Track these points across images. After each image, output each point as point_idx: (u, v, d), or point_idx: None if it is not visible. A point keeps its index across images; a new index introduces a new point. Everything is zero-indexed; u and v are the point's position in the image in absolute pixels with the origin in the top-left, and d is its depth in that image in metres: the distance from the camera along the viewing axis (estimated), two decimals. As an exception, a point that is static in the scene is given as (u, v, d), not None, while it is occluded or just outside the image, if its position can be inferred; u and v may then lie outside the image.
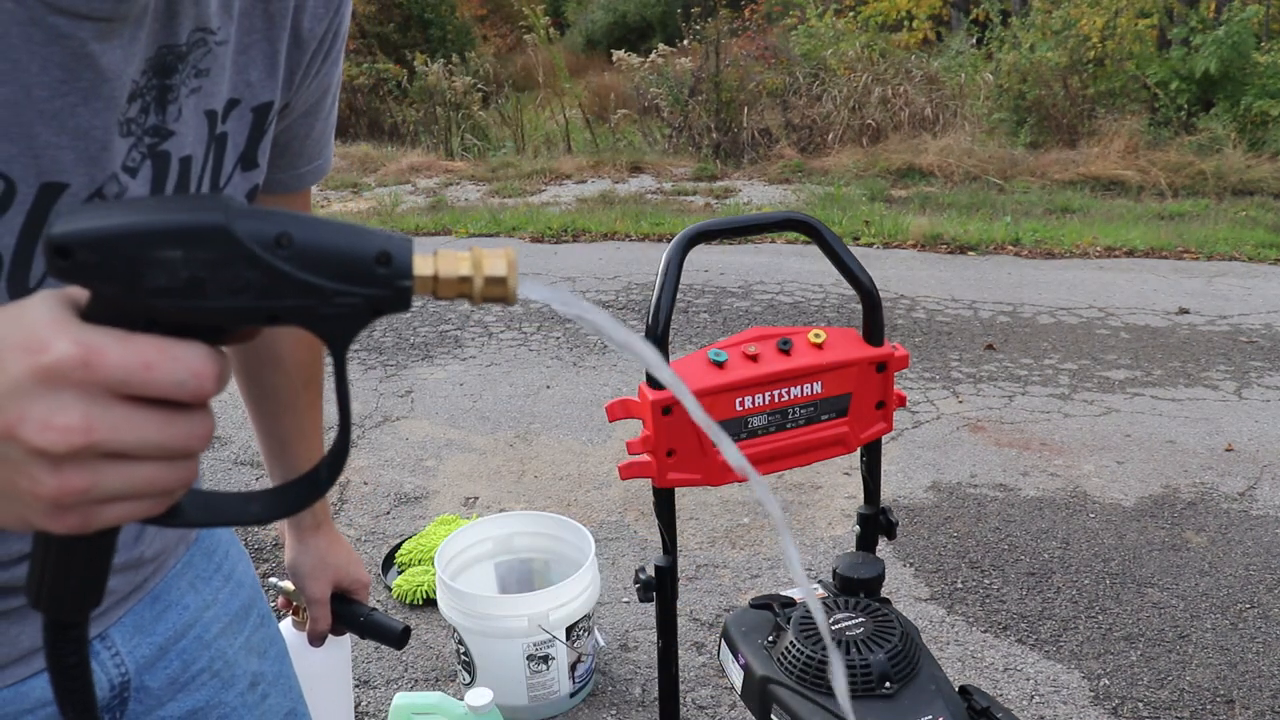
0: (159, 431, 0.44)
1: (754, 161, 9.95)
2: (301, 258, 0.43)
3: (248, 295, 0.43)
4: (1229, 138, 8.80)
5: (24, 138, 0.59)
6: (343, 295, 0.44)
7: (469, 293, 0.46)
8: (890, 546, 3.06)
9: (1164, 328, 5.07)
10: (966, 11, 12.71)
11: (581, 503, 3.37)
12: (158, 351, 0.43)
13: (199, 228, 0.42)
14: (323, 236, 0.44)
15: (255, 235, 0.42)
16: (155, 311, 0.43)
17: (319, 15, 0.77)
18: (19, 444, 0.42)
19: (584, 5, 19.77)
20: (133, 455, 0.43)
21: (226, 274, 0.42)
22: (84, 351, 0.42)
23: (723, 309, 5.43)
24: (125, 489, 0.44)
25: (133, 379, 0.42)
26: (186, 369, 0.43)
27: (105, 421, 0.42)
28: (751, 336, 1.42)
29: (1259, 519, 3.22)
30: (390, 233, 0.46)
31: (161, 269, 0.42)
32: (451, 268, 0.46)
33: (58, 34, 0.57)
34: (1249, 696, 2.41)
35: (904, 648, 1.33)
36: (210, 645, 0.94)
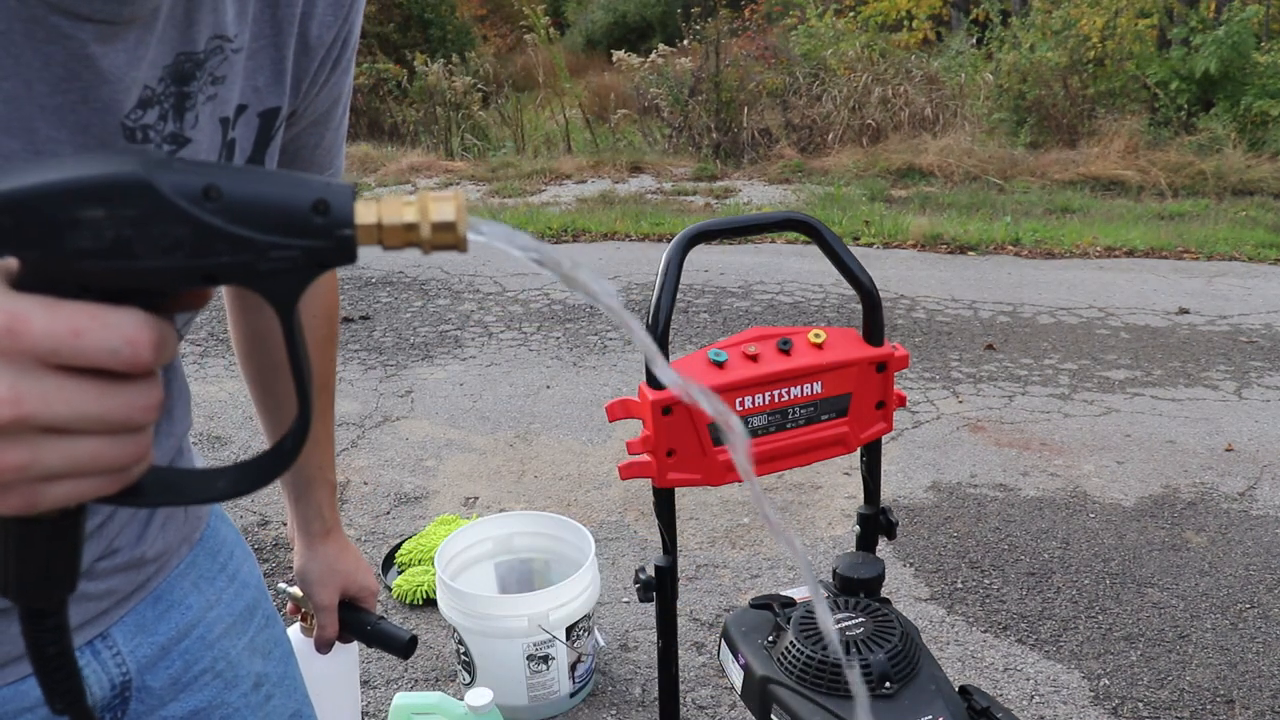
0: (95, 403, 0.41)
1: (754, 161, 9.96)
2: (232, 210, 0.41)
3: (179, 254, 0.40)
4: (1229, 138, 8.80)
5: (25, 132, 0.59)
6: (279, 249, 0.41)
7: (417, 240, 0.43)
8: (890, 546, 3.06)
9: (1164, 328, 5.07)
10: (966, 11, 12.71)
11: (581, 503, 3.37)
12: (88, 318, 0.40)
13: (117, 181, 0.39)
14: (254, 187, 0.41)
15: (180, 188, 0.40)
16: (84, 276, 0.41)
17: (328, 23, 0.77)
18: None
19: (584, 5, 19.77)
20: (70, 429, 0.41)
21: (153, 231, 0.40)
22: (7, 319, 0.39)
23: (723, 309, 5.43)
24: (67, 466, 0.42)
25: (61, 347, 0.40)
26: (119, 336, 0.41)
27: (34, 392, 0.40)
28: (751, 336, 1.42)
29: (1259, 519, 3.22)
30: (330, 181, 0.43)
31: (84, 229, 0.39)
32: (396, 214, 0.43)
33: (59, 33, 0.57)
34: (1249, 696, 2.41)
35: (904, 648, 1.33)
36: (213, 646, 0.93)
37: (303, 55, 0.76)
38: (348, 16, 0.79)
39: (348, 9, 0.78)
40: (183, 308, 0.46)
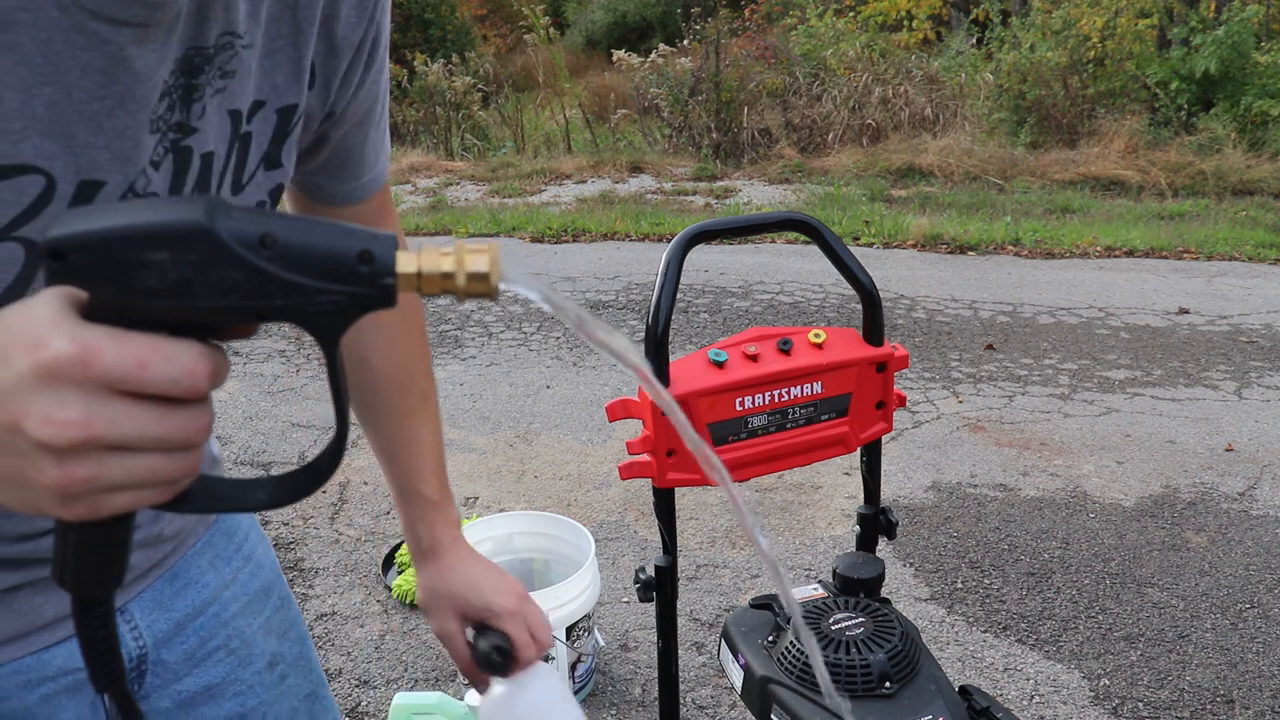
0: (156, 425, 0.46)
1: (754, 161, 9.95)
2: (285, 258, 0.44)
3: (235, 295, 0.44)
4: (1229, 138, 8.80)
5: (64, 137, 0.61)
6: (326, 294, 0.45)
7: (453, 289, 0.47)
8: (890, 546, 3.06)
9: (1164, 328, 5.07)
10: (966, 11, 12.71)
11: (581, 503, 3.37)
12: (152, 350, 0.45)
13: (183, 228, 0.43)
14: (306, 236, 0.45)
15: (238, 236, 0.44)
16: (149, 311, 0.45)
17: (352, 23, 0.78)
18: (24, 437, 0.44)
19: (584, 5, 19.77)
20: (132, 447, 0.45)
21: (213, 275, 0.44)
22: (81, 350, 0.44)
23: (723, 309, 5.43)
24: (128, 479, 0.46)
25: (129, 376, 0.44)
26: (180, 367, 0.45)
27: (103, 416, 0.44)
28: (751, 336, 1.42)
29: (1259, 519, 3.22)
30: (375, 231, 0.46)
31: (151, 270, 0.43)
32: (434, 265, 0.47)
33: (98, 39, 0.60)
34: (1249, 696, 2.41)
35: (904, 648, 1.33)
36: (228, 624, 0.95)
37: (330, 56, 0.78)
38: (373, 16, 0.80)
39: (372, 8, 0.80)
40: (233, 338, 0.49)
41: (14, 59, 0.57)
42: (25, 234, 0.63)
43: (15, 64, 0.58)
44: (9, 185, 0.60)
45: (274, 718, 1.00)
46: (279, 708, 1.00)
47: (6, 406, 0.44)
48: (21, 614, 0.80)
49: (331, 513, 3.31)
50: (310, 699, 1.04)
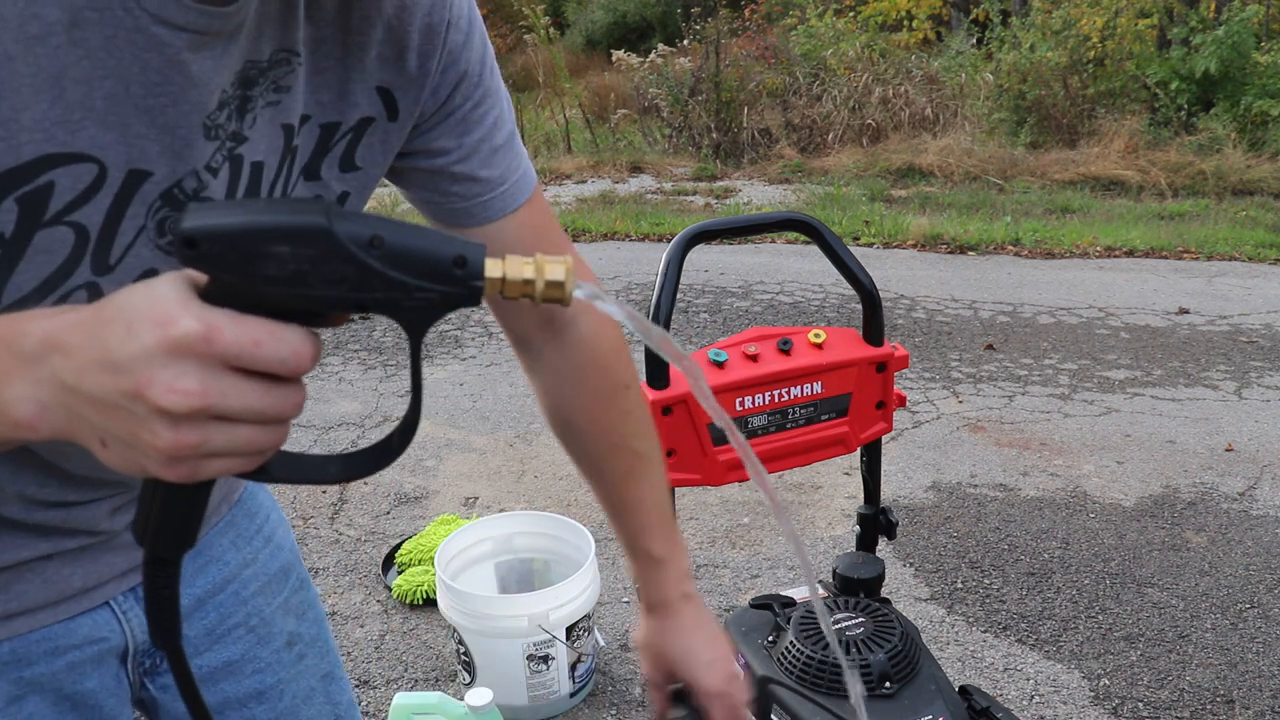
0: (260, 399, 0.51)
1: (754, 161, 9.95)
2: (391, 258, 0.50)
3: (343, 287, 0.50)
4: (1229, 138, 8.80)
5: (119, 126, 0.65)
6: (423, 291, 0.52)
7: (531, 294, 0.54)
8: (890, 546, 3.06)
9: (1164, 328, 5.07)
10: (966, 11, 12.71)
11: (581, 503, 3.37)
12: (266, 332, 0.50)
13: (306, 228, 0.49)
14: (409, 240, 0.51)
15: (352, 236, 0.50)
16: (263, 297, 0.50)
17: (427, 52, 0.80)
18: (145, 403, 0.49)
19: (584, 5, 19.77)
20: (237, 419, 0.51)
21: (326, 268, 0.50)
22: (205, 329, 0.49)
23: (723, 309, 5.43)
24: (228, 447, 0.51)
25: (244, 354, 0.50)
26: (288, 347, 0.51)
27: (218, 389, 0.49)
28: (751, 336, 1.42)
29: (1259, 519, 3.22)
30: (468, 240, 0.53)
31: (272, 262, 0.49)
32: (517, 272, 0.53)
33: (157, 41, 0.64)
34: (1249, 696, 2.41)
35: (904, 648, 1.33)
36: (247, 602, 0.99)
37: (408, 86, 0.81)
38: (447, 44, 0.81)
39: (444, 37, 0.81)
40: (332, 325, 0.54)
41: (80, 54, 0.62)
42: (76, 219, 0.66)
43: (80, 58, 0.62)
44: (66, 172, 0.64)
45: (291, 695, 1.02)
46: (296, 686, 1.03)
47: (132, 374, 0.49)
48: (52, 583, 0.83)
49: (331, 513, 3.32)
50: (327, 679, 1.07)
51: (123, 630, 0.90)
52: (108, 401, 0.50)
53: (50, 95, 0.62)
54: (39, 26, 0.60)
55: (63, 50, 0.61)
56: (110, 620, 0.89)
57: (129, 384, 0.49)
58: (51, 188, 0.64)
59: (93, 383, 0.50)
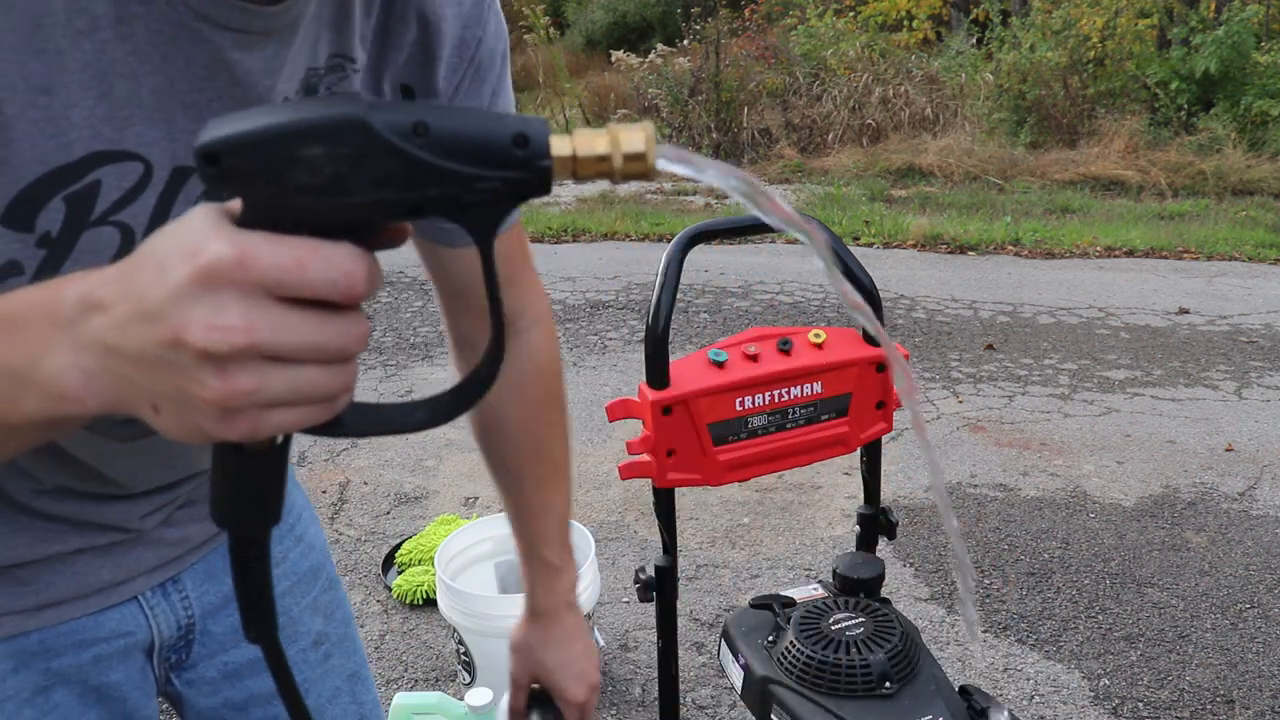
0: (315, 332, 0.45)
1: (754, 161, 9.95)
2: (439, 145, 0.44)
3: (390, 187, 0.44)
4: (1229, 138, 8.80)
5: (165, 123, 0.64)
6: (483, 180, 0.45)
7: (609, 170, 0.46)
8: (890, 546, 3.06)
9: (1164, 328, 5.07)
10: (966, 11, 12.71)
11: (581, 503, 3.37)
12: (310, 251, 0.44)
13: (337, 121, 0.43)
14: (459, 123, 0.44)
15: (392, 126, 0.43)
16: (303, 213, 0.44)
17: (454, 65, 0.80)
18: (186, 349, 0.43)
19: (584, 5, 19.77)
20: (293, 358, 0.45)
21: (368, 167, 0.43)
22: (238, 252, 0.43)
23: (723, 309, 5.43)
24: (289, 393, 0.45)
25: (287, 278, 0.43)
26: (338, 268, 0.44)
27: (264, 321, 0.43)
28: (751, 336, 1.42)
29: (1259, 519, 3.22)
30: (526, 115, 0.46)
31: (305, 167, 0.43)
32: (589, 146, 0.46)
33: (200, 37, 0.63)
34: (1249, 696, 2.41)
35: (904, 648, 1.33)
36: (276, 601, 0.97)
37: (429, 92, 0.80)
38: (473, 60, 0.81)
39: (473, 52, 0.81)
40: (385, 244, 0.49)
41: (127, 49, 0.61)
42: (122, 219, 0.65)
43: (128, 54, 0.61)
44: (112, 170, 0.63)
45: (317, 694, 1.02)
46: (322, 685, 1.03)
47: (167, 320, 0.43)
48: (80, 576, 0.83)
49: (331, 513, 3.31)
50: (353, 679, 1.07)
51: (149, 625, 0.90)
52: (149, 356, 0.45)
53: (98, 91, 0.60)
54: (86, 21, 0.59)
55: (110, 45, 0.60)
56: (137, 615, 0.89)
57: (166, 330, 0.43)
58: (98, 186, 0.63)
59: (133, 337, 0.45)
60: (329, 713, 1.04)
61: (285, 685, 0.59)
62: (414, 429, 0.51)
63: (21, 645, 0.83)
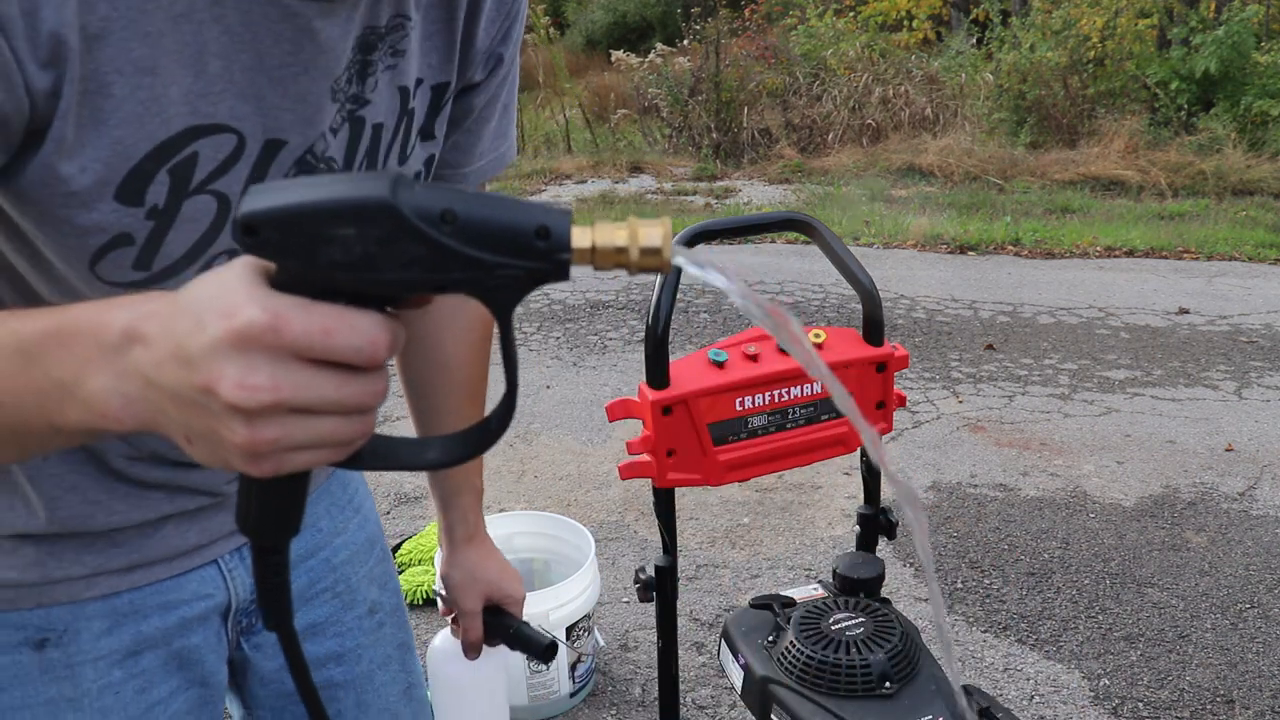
0: (337, 390, 0.48)
1: (754, 161, 9.95)
2: (465, 233, 0.46)
3: (417, 268, 0.46)
4: (1229, 138, 8.79)
5: (255, 99, 0.69)
6: (505, 268, 0.47)
7: (625, 263, 0.49)
8: (890, 546, 3.06)
9: (1164, 328, 5.07)
10: (966, 11, 12.71)
11: (581, 503, 3.37)
12: (337, 319, 0.47)
13: (368, 204, 0.45)
14: (485, 212, 0.46)
15: (420, 212, 0.45)
16: (334, 282, 0.47)
17: (492, 17, 0.86)
18: (216, 399, 0.47)
19: (584, 5, 19.76)
20: (316, 411, 0.48)
21: (396, 249, 0.45)
22: (272, 319, 0.46)
23: (723, 309, 5.43)
24: (310, 440, 0.49)
25: (315, 344, 0.47)
26: (363, 336, 0.48)
27: (290, 382, 0.47)
28: (751, 336, 1.42)
29: (1259, 519, 3.22)
30: (549, 206, 0.48)
31: (337, 245, 0.45)
32: (608, 239, 0.48)
33: (289, 12, 0.67)
34: (1249, 696, 2.41)
35: (904, 648, 1.33)
36: (336, 569, 1.03)
37: (469, 46, 0.86)
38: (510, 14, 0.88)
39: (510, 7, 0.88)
40: (412, 307, 0.52)
41: (220, 29, 0.65)
42: (218, 188, 0.70)
43: (221, 33, 0.65)
44: (208, 143, 0.68)
45: (368, 661, 1.07)
46: (374, 653, 1.08)
47: (201, 369, 0.47)
48: (169, 539, 0.88)
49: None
50: (403, 649, 1.12)
51: (227, 588, 0.94)
52: (184, 397, 0.49)
53: (194, 70, 0.65)
54: (184, 5, 0.63)
55: (205, 26, 0.64)
56: (216, 577, 0.93)
57: (200, 379, 0.48)
58: (196, 158, 0.67)
59: (169, 376, 0.49)
60: (378, 678, 1.08)
61: (300, 673, 0.63)
62: (425, 468, 0.56)
63: (114, 605, 0.87)
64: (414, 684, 1.14)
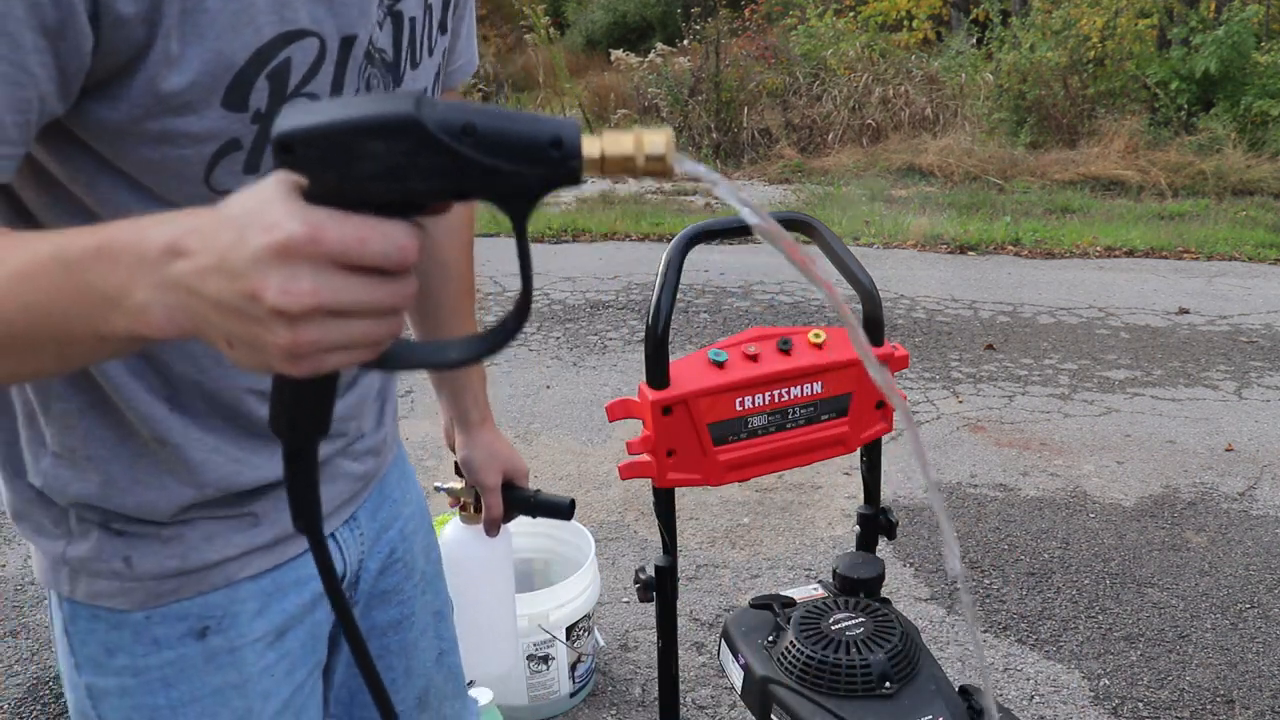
0: (371, 294, 0.52)
1: (754, 161, 9.95)
2: (484, 144, 0.50)
3: (440, 178, 0.51)
4: (1229, 138, 8.79)
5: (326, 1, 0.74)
6: (521, 175, 0.51)
7: (632, 169, 0.53)
8: (890, 546, 3.06)
9: (1164, 328, 5.07)
10: (966, 11, 12.71)
11: (581, 503, 3.37)
12: (370, 229, 0.51)
13: (397, 120, 0.49)
14: (502, 124, 0.51)
15: (444, 126, 0.50)
16: (364, 194, 0.51)
17: None
18: (261, 304, 0.51)
19: (584, 5, 19.76)
20: (351, 313, 0.52)
21: (422, 161, 0.50)
22: (311, 230, 0.50)
23: (723, 309, 5.43)
24: (346, 340, 0.53)
25: (351, 252, 0.51)
26: (393, 243, 0.52)
27: (329, 287, 0.51)
28: (751, 336, 1.42)
29: (1259, 519, 3.22)
30: (561, 119, 0.52)
31: (368, 158, 0.50)
32: (615, 148, 0.52)
33: None
34: (1249, 696, 2.41)
35: (904, 648, 1.33)
36: (406, 539, 1.09)
37: None
38: None
39: None
40: (433, 214, 0.56)
41: None
42: (311, 89, 0.75)
43: None
44: (297, 48, 0.73)
45: (415, 628, 1.12)
46: (420, 619, 1.12)
47: (246, 278, 0.51)
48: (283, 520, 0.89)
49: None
50: (437, 616, 1.16)
51: (343, 560, 0.98)
52: (228, 304, 0.52)
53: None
54: None
55: None
56: (335, 551, 0.96)
57: (245, 287, 0.51)
58: (289, 63, 0.72)
59: (213, 286, 0.52)
60: (420, 644, 1.12)
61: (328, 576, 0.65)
62: (448, 367, 0.60)
63: (262, 586, 0.90)
64: (445, 650, 1.17)
